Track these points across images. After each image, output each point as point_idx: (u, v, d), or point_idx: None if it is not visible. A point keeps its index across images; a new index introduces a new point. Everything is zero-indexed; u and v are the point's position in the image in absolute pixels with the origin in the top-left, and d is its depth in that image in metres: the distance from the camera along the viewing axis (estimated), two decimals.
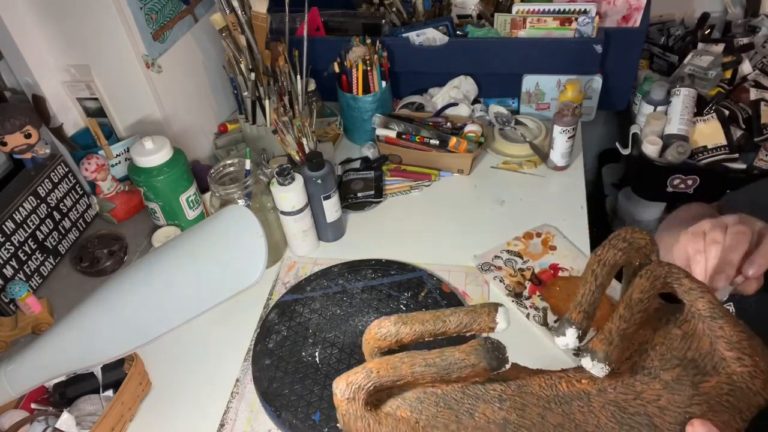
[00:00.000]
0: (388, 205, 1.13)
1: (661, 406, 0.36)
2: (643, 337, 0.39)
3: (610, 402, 0.37)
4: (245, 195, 0.93)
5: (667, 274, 0.38)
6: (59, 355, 0.67)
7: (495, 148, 1.22)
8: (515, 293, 0.92)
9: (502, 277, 0.94)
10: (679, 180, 1.21)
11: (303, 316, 0.91)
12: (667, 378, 0.37)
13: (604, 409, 0.36)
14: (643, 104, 1.24)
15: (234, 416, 0.81)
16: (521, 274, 0.95)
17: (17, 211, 0.97)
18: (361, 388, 0.36)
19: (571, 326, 0.37)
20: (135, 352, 0.81)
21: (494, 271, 0.95)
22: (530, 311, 0.89)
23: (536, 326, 0.87)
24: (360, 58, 1.16)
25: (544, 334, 0.86)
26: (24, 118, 0.99)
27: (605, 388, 0.37)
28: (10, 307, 0.95)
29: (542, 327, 0.87)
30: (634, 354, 0.38)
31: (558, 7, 1.17)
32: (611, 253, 0.39)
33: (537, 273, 0.95)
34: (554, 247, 0.99)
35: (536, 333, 0.87)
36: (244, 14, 1.07)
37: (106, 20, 0.99)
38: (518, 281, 0.94)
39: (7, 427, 0.75)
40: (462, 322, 0.38)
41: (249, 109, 1.16)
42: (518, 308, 0.90)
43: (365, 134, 1.24)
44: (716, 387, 0.36)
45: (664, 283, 0.38)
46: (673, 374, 0.37)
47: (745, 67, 1.28)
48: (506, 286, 0.93)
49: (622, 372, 0.38)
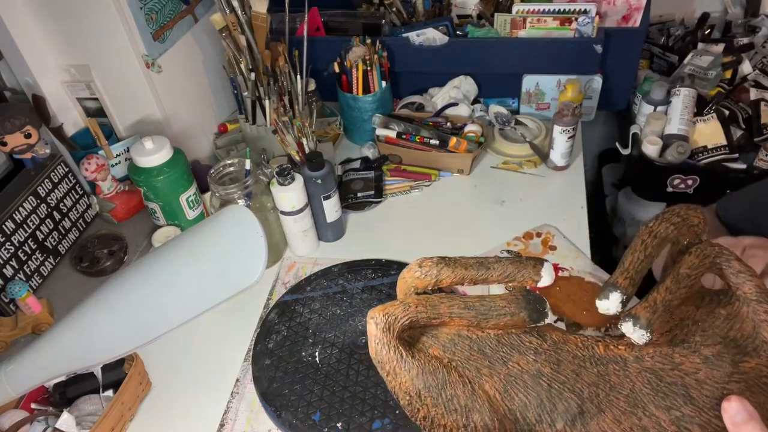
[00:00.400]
0: (388, 205, 1.13)
1: (699, 379, 0.36)
2: (684, 313, 0.39)
3: (647, 369, 0.36)
4: (245, 195, 0.93)
5: (717, 254, 0.38)
6: (59, 355, 0.67)
7: (495, 148, 1.22)
8: None
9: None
10: (679, 180, 1.21)
11: (303, 316, 0.91)
12: (708, 353, 0.36)
13: (640, 375, 0.36)
14: (643, 104, 1.24)
15: (234, 416, 0.81)
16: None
17: (17, 211, 0.97)
18: (397, 320, 0.35)
19: (615, 290, 0.36)
20: (135, 352, 0.81)
21: None
22: None
23: None
24: (360, 58, 1.16)
25: None
26: (24, 118, 0.99)
27: (643, 356, 0.37)
28: (10, 307, 0.95)
29: None
30: (674, 328, 0.38)
31: (558, 7, 1.17)
32: (664, 226, 0.38)
33: None
34: (554, 247, 0.99)
35: None
36: (244, 14, 1.07)
37: (106, 20, 0.99)
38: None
39: (7, 427, 0.75)
40: (506, 272, 0.37)
41: (249, 109, 1.16)
42: None
43: (365, 134, 1.24)
44: (756, 368, 0.35)
45: (713, 262, 0.38)
46: (714, 350, 0.36)
47: (745, 67, 1.28)
48: (506, 287, 0.93)
49: (660, 343, 0.37)
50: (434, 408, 0.35)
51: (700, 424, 0.35)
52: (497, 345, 0.37)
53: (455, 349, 0.37)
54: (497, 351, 0.37)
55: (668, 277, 0.37)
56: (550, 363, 0.37)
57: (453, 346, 0.37)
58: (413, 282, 0.38)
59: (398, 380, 0.36)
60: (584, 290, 0.93)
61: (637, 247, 0.37)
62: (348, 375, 0.81)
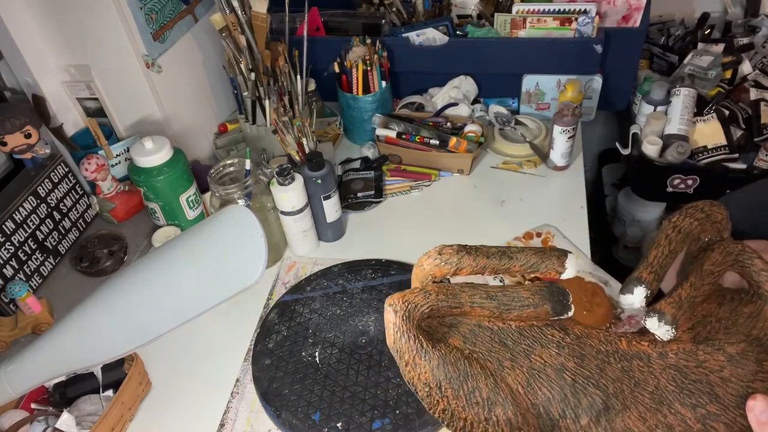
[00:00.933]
0: (388, 205, 1.13)
1: (724, 377, 0.35)
2: (707, 310, 0.39)
3: (671, 366, 0.36)
4: (245, 195, 0.93)
5: (740, 252, 0.37)
6: (59, 355, 0.67)
7: (495, 148, 1.22)
8: None
9: (501, 278, 0.94)
10: (679, 180, 1.21)
11: (303, 316, 0.91)
12: (732, 351, 0.36)
13: (664, 372, 0.36)
14: (643, 104, 1.24)
15: (234, 416, 0.81)
16: (522, 275, 0.94)
17: (17, 211, 0.97)
18: (417, 308, 0.34)
19: (640, 285, 0.35)
20: (135, 352, 0.81)
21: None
22: None
23: None
24: (360, 58, 1.16)
25: None
26: (24, 118, 0.99)
27: (666, 353, 0.36)
28: (10, 307, 0.95)
29: None
30: (697, 325, 0.38)
31: (558, 7, 1.17)
32: (688, 221, 0.38)
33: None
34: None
35: None
36: (244, 14, 1.07)
37: (106, 20, 0.99)
38: (518, 281, 0.93)
39: (7, 427, 0.75)
40: (529, 262, 0.36)
41: (249, 109, 1.16)
42: None
43: (365, 134, 1.24)
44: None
45: (735, 260, 0.38)
46: (738, 348, 0.36)
47: (745, 67, 1.28)
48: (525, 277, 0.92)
49: (683, 340, 0.37)
50: (455, 401, 0.34)
51: (725, 422, 0.34)
52: (519, 337, 0.36)
53: (476, 340, 0.36)
54: (519, 343, 0.36)
55: (692, 274, 0.36)
56: (574, 357, 0.36)
57: (474, 337, 0.36)
58: (432, 270, 0.36)
59: (417, 371, 0.34)
60: (584, 290, 0.93)
61: (661, 241, 0.37)
62: (348, 375, 0.81)
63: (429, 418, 0.75)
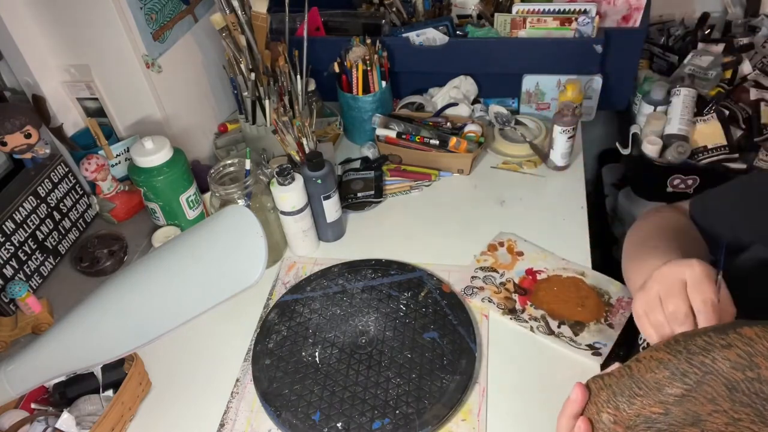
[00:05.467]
0: (388, 205, 1.13)
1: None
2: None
3: None
4: (245, 195, 0.93)
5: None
6: (59, 355, 0.67)
7: (495, 148, 1.22)
8: (509, 309, 0.89)
9: (489, 297, 0.91)
10: (679, 180, 1.21)
11: (303, 316, 0.91)
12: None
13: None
14: (643, 104, 1.24)
15: (234, 416, 0.81)
16: (504, 288, 0.92)
17: (17, 211, 0.97)
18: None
19: None
20: (135, 352, 0.81)
21: (478, 292, 0.92)
22: (531, 323, 0.87)
23: (543, 337, 0.85)
24: (360, 58, 1.16)
25: (554, 342, 0.84)
26: (24, 118, 0.99)
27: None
28: (10, 307, 0.95)
29: (550, 336, 0.85)
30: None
31: (558, 7, 1.17)
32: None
33: (518, 282, 0.93)
34: (521, 252, 0.98)
35: (546, 344, 0.84)
36: (244, 14, 1.07)
37: (106, 20, 0.99)
38: (506, 296, 0.91)
39: (7, 427, 0.75)
40: None
41: (249, 109, 1.16)
42: (519, 324, 0.87)
43: (365, 134, 1.24)
44: None
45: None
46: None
47: (745, 67, 1.28)
48: (497, 305, 0.90)
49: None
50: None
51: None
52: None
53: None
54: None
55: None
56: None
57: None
58: None
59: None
60: (566, 286, 0.92)
61: None
62: (348, 375, 0.81)
63: (429, 418, 0.75)
